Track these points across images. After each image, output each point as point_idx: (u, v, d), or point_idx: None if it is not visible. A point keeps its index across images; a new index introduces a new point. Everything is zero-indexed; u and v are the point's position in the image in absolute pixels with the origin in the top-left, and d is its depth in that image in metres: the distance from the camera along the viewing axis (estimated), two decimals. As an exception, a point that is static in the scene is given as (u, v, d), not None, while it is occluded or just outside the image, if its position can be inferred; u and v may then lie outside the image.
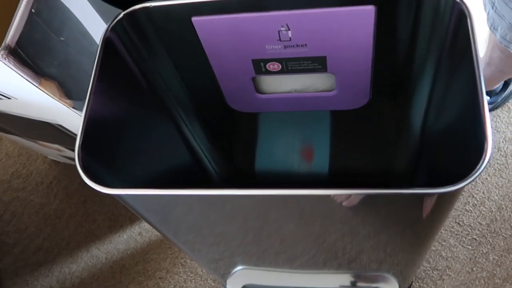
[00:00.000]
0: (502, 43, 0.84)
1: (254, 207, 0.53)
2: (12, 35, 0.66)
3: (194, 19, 0.59)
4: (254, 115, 0.82)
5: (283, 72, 0.67)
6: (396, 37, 0.61)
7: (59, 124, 0.88)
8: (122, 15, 0.57)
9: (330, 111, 0.80)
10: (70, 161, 1.27)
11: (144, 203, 0.53)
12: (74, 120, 0.84)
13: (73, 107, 0.80)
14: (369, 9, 0.56)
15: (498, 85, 1.12)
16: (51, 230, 1.23)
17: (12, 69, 0.66)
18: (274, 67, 0.66)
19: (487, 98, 1.10)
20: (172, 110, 0.75)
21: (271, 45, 0.62)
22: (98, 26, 0.84)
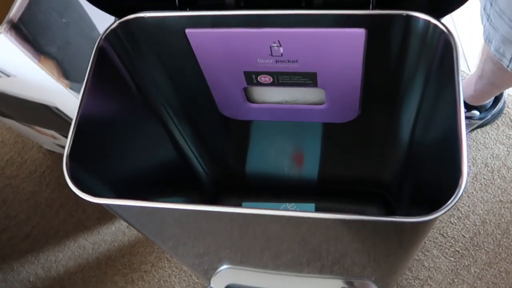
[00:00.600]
0: (495, 56, 0.85)
1: (240, 221, 0.54)
2: (15, 11, 0.67)
3: (188, 31, 0.59)
4: (245, 122, 0.83)
5: (274, 84, 0.68)
6: (385, 59, 0.62)
7: (56, 106, 0.89)
8: (116, 23, 0.58)
9: (320, 123, 0.81)
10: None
11: (130, 212, 0.54)
12: (70, 102, 0.85)
13: (70, 88, 0.81)
14: (360, 32, 0.57)
15: (488, 101, 1.13)
16: (40, 218, 1.24)
17: (13, 44, 0.68)
18: (265, 79, 0.67)
19: (476, 113, 1.11)
20: (163, 115, 0.76)
21: (262, 59, 0.63)
22: (98, 12, 0.85)
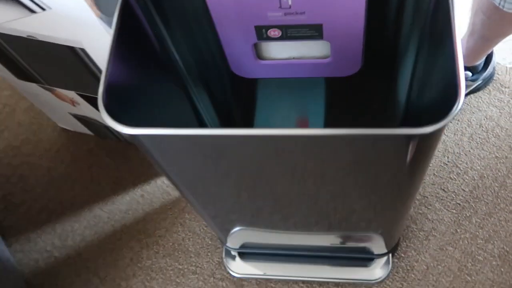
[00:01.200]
0: None
1: (250, 150, 0.58)
2: None
3: (203, -14, 0.64)
4: (254, 82, 0.87)
5: (283, 38, 0.72)
6: (385, 11, 0.67)
7: (82, 47, 0.92)
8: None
9: (324, 79, 0.86)
10: (80, 126, 1.33)
11: (157, 143, 0.57)
12: (98, 40, 0.87)
13: (100, 18, 0.82)
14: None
15: (480, 62, 1.18)
16: (56, 192, 1.29)
17: None
18: (274, 33, 0.72)
19: (469, 73, 1.17)
20: (180, 73, 0.80)
21: (272, 12, 0.67)
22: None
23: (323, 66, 0.80)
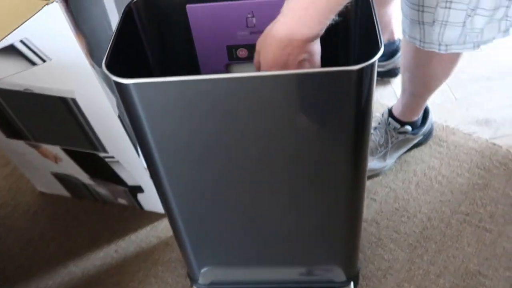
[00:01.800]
0: (410, 41, 1.02)
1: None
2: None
3: (188, 6, 0.81)
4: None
5: (250, 58, 0.88)
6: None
7: (73, 97, 1.00)
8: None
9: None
10: (58, 188, 1.42)
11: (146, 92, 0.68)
12: (88, 90, 0.96)
13: (93, 68, 0.91)
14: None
15: (418, 117, 1.37)
16: (32, 251, 1.34)
17: (63, 14, 0.79)
18: (243, 53, 0.88)
19: (409, 128, 1.34)
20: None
21: (240, 31, 0.84)
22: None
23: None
